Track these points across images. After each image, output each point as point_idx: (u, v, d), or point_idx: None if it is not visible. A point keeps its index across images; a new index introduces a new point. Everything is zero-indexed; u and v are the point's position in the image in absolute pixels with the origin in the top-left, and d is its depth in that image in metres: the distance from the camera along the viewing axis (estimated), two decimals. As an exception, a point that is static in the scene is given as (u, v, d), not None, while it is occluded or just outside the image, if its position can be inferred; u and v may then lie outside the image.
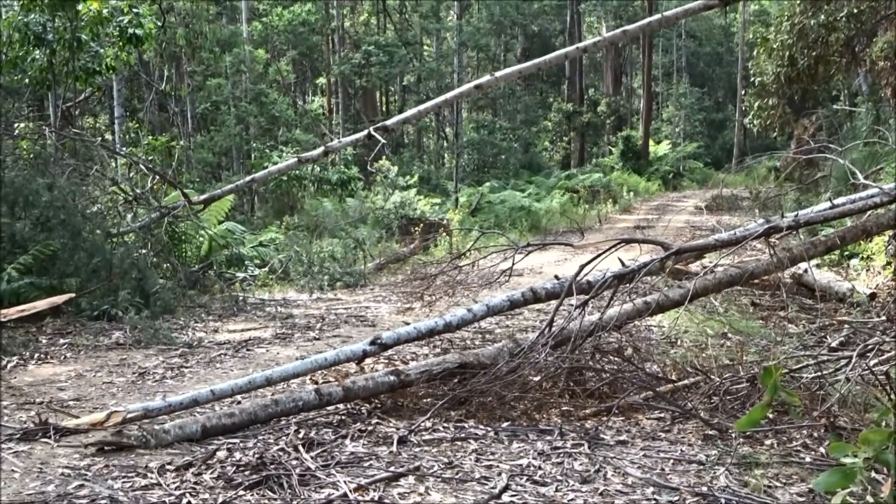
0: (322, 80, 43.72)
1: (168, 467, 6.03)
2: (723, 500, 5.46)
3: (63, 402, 8.02)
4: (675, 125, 60.28)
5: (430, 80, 42.62)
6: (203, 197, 15.75)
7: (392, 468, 6.01)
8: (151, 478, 5.84)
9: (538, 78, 54.57)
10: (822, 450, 6.28)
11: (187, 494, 5.54)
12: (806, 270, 12.47)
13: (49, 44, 14.92)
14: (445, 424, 7.02)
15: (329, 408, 7.47)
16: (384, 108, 47.98)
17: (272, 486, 5.70)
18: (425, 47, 48.54)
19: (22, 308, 10.92)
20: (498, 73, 15.41)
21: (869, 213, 10.84)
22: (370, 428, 6.96)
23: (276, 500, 5.47)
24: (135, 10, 16.20)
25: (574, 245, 12.41)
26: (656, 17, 15.73)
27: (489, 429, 6.91)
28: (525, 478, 5.87)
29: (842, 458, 3.75)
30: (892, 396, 6.43)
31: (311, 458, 6.20)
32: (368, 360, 8.88)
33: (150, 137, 23.00)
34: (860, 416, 6.59)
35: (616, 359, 8.18)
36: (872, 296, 12.25)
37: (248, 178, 16.88)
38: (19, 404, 7.87)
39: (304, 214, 25.04)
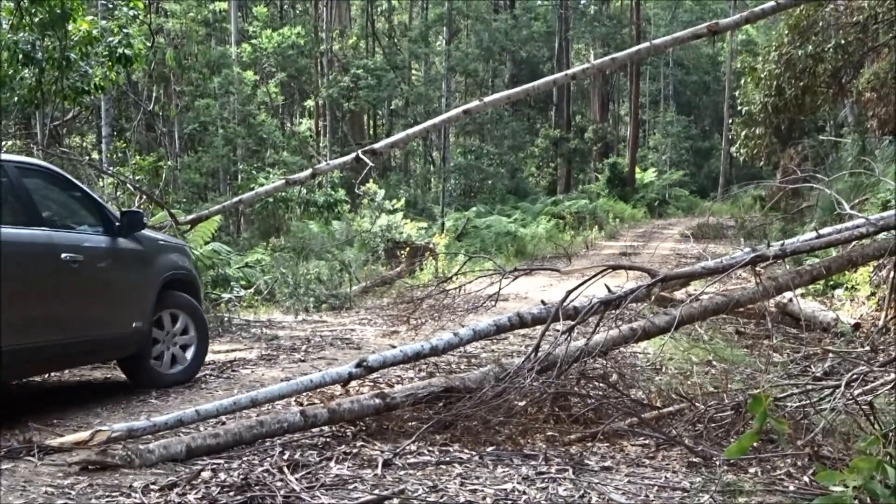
0: (310, 103, 43.70)
1: (152, 487, 6.01)
2: (707, 528, 5.46)
3: (47, 421, 7.99)
4: (662, 153, 60.46)
5: (419, 104, 42.67)
6: (190, 217, 15.71)
7: (376, 491, 6.00)
8: (135, 498, 5.82)
9: (526, 104, 54.67)
10: (806, 479, 6.28)
11: (171, 515, 5.53)
12: (791, 300, 12.50)
13: (38, 63, 14.90)
14: (430, 448, 7.02)
15: (314, 430, 7.46)
16: (372, 132, 48.01)
17: (257, 507, 5.70)
18: (414, 71, 48.61)
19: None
20: (486, 98, 15.45)
21: (854, 243, 10.90)
22: (355, 450, 6.95)
23: (260, 521, 5.45)
24: (124, 30, 16.18)
25: (560, 271, 12.39)
26: (645, 45, 15.78)
27: (474, 453, 6.90)
28: (509, 503, 5.87)
29: (830, 487, 3.77)
30: (877, 426, 6.45)
31: (296, 479, 6.18)
32: (354, 383, 8.87)
33: (138, 157, 22.98)
34: (844, 445, 6.61)
35: (601, 385, 8.19)
36: (857, 326, 12.29)
37: (235, 200, 16.84)
38: (3, 422, 7.84)
39: (290, 236, 24.99)
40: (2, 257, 7.62)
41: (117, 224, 9.26)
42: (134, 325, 9.29)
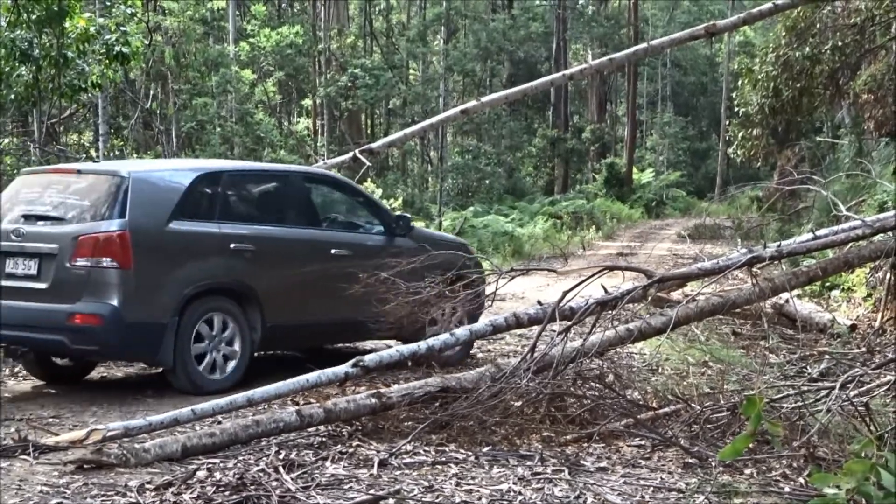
0: (308, 102, 43.62)
1: (148, 486, 6.02)
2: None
3: (43, 420, 7.99)
4: (659, 153, 60.48)
5: (416, 103, 42.62)
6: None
7: (372, 491, 6.00)
8: (131, 497, 5.82)
9: (523, 104, 54.49)
10: (801, 480, 6.30)
11: (167, 514, 5.53)
12: (787, 301, 12.50)
13: (35, 60, 14.86)
14: (426, 448, 7.02)
15: (310, 429, 7.46)
16: (369, 131, 47.92)
17: (252, 507, 5.71)
18: (411, 71, 48.56)
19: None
20: (484, 98, 15.48)
21: (850, 244, 10.91)
22: (351, 450, 6.96)
23: (255, 521, 5.45)
24: (122, 28, 16.15)
25: (557, 271, 12.37)
26: (642, 45, 15.83)
27: (470, 453, 6.91)
28: (505, 503, 5.87)
29: (824, 489, 3.77)
30: (872, 428, 6.46)
31: (292, 479, 6.19)
32: (349, 383, 8.86)
33: (135, 155, 22.93)
34: (840, 447, 6.61)
35: (597, 385, 8.19)
36: (853, 327, 12.31)
37: (232, 198, 16.78)
38: (-2, 421, 7.84)
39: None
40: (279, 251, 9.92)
41: (393, 225, 10.85)
42: None
